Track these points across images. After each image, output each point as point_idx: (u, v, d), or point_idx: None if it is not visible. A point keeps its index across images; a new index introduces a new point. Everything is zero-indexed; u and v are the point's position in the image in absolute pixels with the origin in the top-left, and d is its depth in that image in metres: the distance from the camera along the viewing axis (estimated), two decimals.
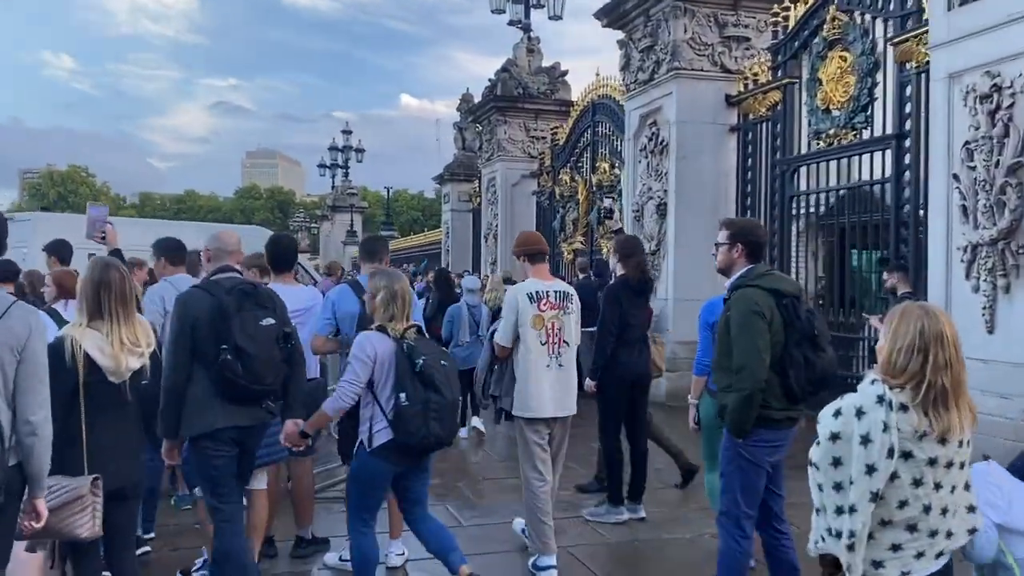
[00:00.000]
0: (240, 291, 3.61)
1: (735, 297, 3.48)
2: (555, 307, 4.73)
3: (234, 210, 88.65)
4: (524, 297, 4.73)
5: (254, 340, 3.52)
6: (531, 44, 17.14)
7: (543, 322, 4.76)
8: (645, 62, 10.35)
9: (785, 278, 3.74)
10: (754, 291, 3.42)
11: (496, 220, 17.01)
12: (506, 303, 4.72)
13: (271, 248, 4.70)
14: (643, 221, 10.51)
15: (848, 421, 2.14)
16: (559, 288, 4.81)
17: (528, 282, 4.76)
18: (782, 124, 8.96)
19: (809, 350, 3.39)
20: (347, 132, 37.29)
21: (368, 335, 3.65)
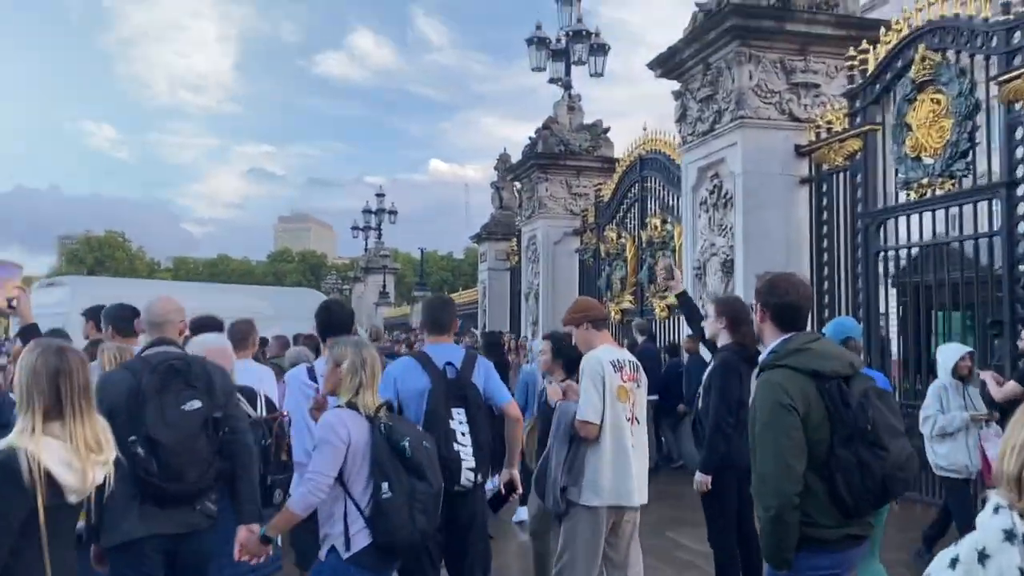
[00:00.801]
0: (168, 368, 3.05)
1: (759, 383, 2.83)
2: (632, 378, 4.22)
3: (266, 273, 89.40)
4: (608, 365, 4.11)
5: (172, 428, 2.96)
6: (572, 102, 16.69)
7: (628, 395, 4.15)
8: (704, 112, 9.74)
9: (831, 352, 2.92)
10: (783, 374, 2.74)
11: (537, 279, 16.35)
12: (588, 371, 4.10)
13: (322, 316, 4.06)
14: (706, 279, 9.76)
15: (971, 571, 1.56)
16: (631, 358, 4.33)
17: (603, 349, 4.20)
18: (863, 174, 8.24)
19: (864, 449, 2.67)
20: (380, 195, 37.19)
21: (339, 413, 3.05)
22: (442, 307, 4.07)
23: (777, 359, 2.81)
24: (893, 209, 7.86)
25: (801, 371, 2.72)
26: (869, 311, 8.11)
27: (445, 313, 4.05)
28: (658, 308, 12.32)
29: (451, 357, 3.78)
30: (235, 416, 3.24)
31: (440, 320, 3.99)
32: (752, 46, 9.01)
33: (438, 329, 3.94)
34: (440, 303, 4.10)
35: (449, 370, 3.72)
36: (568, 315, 4.41)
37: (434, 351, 3.80)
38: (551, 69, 16.86)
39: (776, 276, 3.13)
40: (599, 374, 4.02)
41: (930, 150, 7.31)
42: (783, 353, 2.81)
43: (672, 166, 12.04)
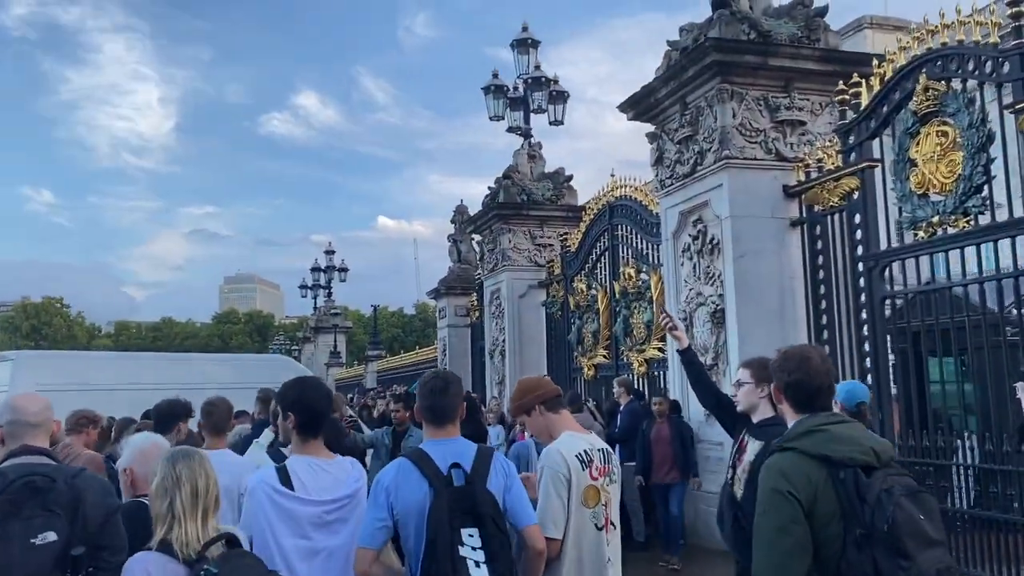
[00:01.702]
0: (23, 486, 2.37)
1: (764, 467, 2.52)
2: (604, 472, 3.41)
3: (212, 335, 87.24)
4: (573, 460, 3.30)
5: (12, 569, 2.29)
6: (532, 150, 16.16)
7: (599, 495, 3.34)
8: (684, 154, 9.18)
9: (850, 436, 2.48)
10: (789, 458, 2.43)
11: (502, 335, 15.55)
12: (548, 471, 3.26)
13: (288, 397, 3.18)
14: (693, 331, 9.08)
15: None
16: (600, 445, 3.51)
17: (566, 437, 3.39)
18: (862, 214, 7.69)
19: (882, 555, 2.24)
20: (330, 252, 36.25)
21: (142, 559, 2.25)
22: (443, 389, 3.05)
23: (786, 441, 2.49)
24: (899, 250, 7.29)
25: (810, 455, 2.39)
26: (878, 362, 7.48)
27: (447, 398, 3.05)
28: (636, 363, 11.61)
29: (459, 456, 2.91)
30: (109, 548, 2.47)
31: (442, 408, 3.03)
32: (734, 83, 8.51)
33: (439, 418, 3.02)
34: (441, 384, 3.05)
35: (456, 475, 2.84)
36: (514, 404, 3.58)
37: (436, 449, 2.94)
38: (509, 118, 16.33)
39: (788, 351, 2.77)
40: (561, 474, 3.22)
41: (939, 186, 6.79)
42: (793, 435, 2.50)
43: (644, 212, 11.48)
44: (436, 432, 3.02)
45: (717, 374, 8.66)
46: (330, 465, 2.99)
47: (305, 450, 2.99)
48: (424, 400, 3.05)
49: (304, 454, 2.97)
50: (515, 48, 16.10)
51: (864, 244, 7.67)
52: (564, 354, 14.31)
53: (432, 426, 3.04)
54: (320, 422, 3.02)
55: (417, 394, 3.03)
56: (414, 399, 3.26)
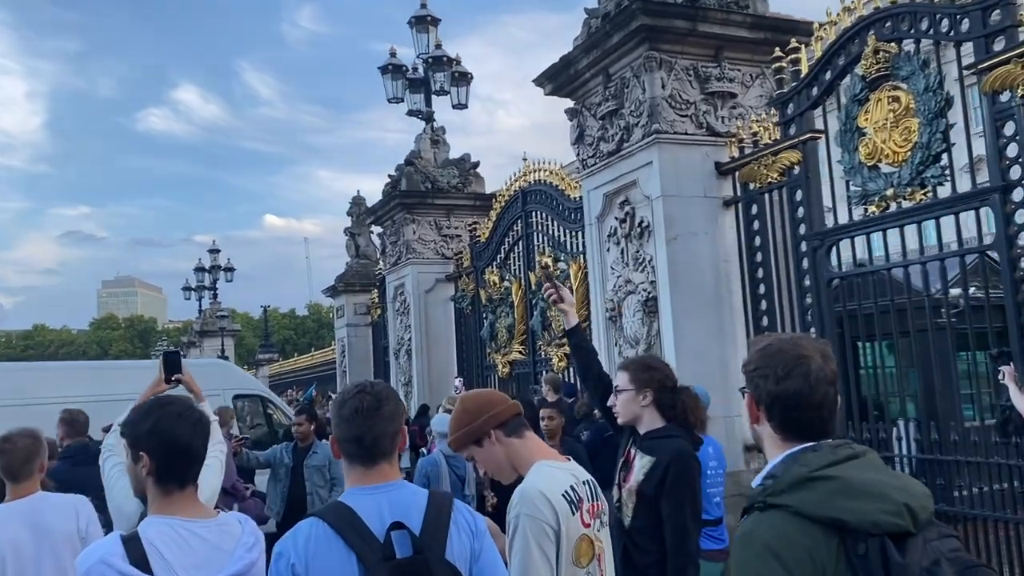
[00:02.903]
0: None
1: (738, 536, 1.64)
2: (595, 512, 2.53)
3: (89, 343, 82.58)
4: (562, 502, 2.40)
5: None
6: (435, 135, 15.23)
7: (592, 546, 2.47)
8: (608, 130, 8.46)
9: (871, 482, 1.60)
10: (777, 523, 1.56)
11: (408, 333, 14.56)
12: (527, 520, 2.35)
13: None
14: (622, 322, 8.39)
15: None
16: (585, 476, 2.61)
17: (542, 469, 2.47)
18: (804, 191, 7.14)
19: None
20: (214, 251, 34.29)
21: None
22: (374, 409, 2.06)
23: (770, 493, 1.61)
24: (847, 228, 6.77)
25: (811, 519, 1.54)
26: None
27: (381, 422, 2.07)
28: (556, 359, 10.88)
29: (401, 510, 2.01)
30: None
31: (375, 438, 2.06)
32: (662, 50, 7.84)
33: (370, 454, 2.07)
34: (371, 402, 2.06)
35: (399, 540, 1.95)
36: (457, 432, 2.57)
37: (367, 501, 2.01)
38: (409, 100, 15.34)
39: (771, 344, 1.79)
40: (546, 525, 2.33)
41: (892, 156, 6.28)
42: (784, 484, 1.60)
43: (561, 197, 10.75)
44: (366, 475, 2.07)
45: None
46: (207, 528, 2.02)
47: (168, 507, 2.02)
48: (346, 427, 2.06)
49: (166, 513, 2.00)
50: (413, 26, 15.10)
51: (807, 222, 7.13)
52: (476, 351, 13.46)
53: (359, 466, 2.08)
54: (189, 463, 2.07)
55: (332, 419, 2.09)
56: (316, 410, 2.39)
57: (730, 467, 7.74)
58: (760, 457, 7.81)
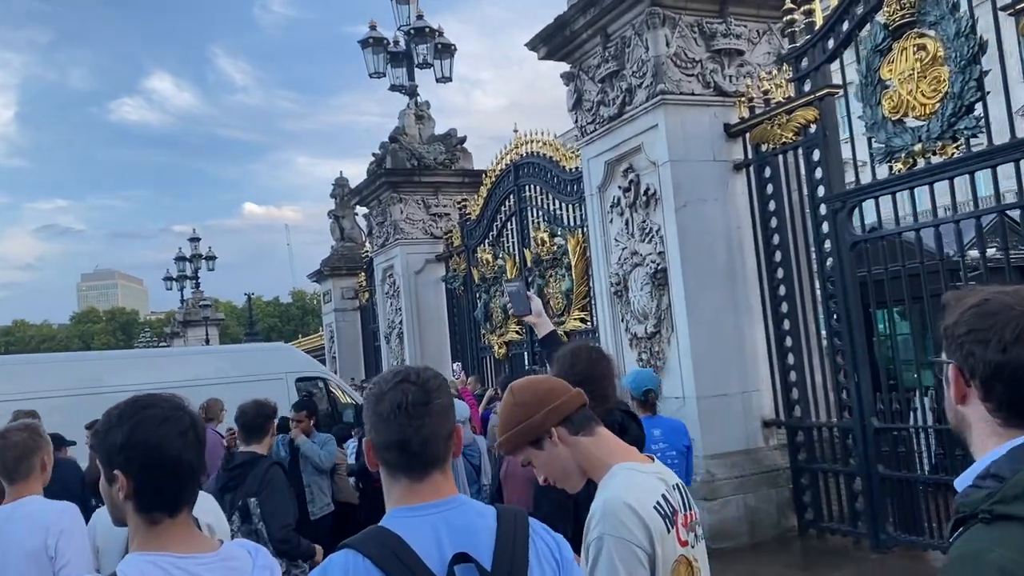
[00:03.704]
0: None
1: (960, 553, 1.17)
2: (688, 523, 2.03)
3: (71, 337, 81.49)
4: (655, 516, 1.91)
5: None
6: (420, 110, 14.68)
7: (691, 568, 2.00)
8: (609, 94, 8.00)
9: None
10: (1013, 540, 1.12)
11: (399, 316, 14.09)
12: (612, 542, 1.86)
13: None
14: (628, 296, 7.97)
15: None
16: (674, 479, 2.11)
17: (625, 475, 1.98)
18: (822, 150, 6.73)
19: None
20: (195, 240, 33.51)
21: None
22: (422, 405, 1.58)
23: (998, 500, 1.18)
24: (871, 187, 6.37)
25: None
26: (850, 318, 6.56)
27: (431, 421, 1.59)
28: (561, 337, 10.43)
29: (465, 537, 1.54)
30: None
31: (424, 442, 1.59)
32: (665, 5, 7.37)
33: (420, 464, 1.59)
34: (418, 394, 1.59)
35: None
36: (508, 432, 2.04)
37: (419, 527, 1.54)
38: (391, 75, 14.77)
39: (992, 299, 1.34)
40: (638, 548, 1.86)
41: (920, 109, 5.87)
42: (1017, 486, 1.17)
43: (556, 169, 10.30)
44: (414, 490, 1.59)
45: (661, 342, 7.60)
46: (207, 566, 1.57)
47: (155, 541, 1.57)
48: (386, 428, 1.58)
49: (152, 549, 1.56)
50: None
51: (826, 183, 6.72)
52: (470, 333, 13.02)
53: (404, 478, 1.60)
54: (181, 482, 1.62)
55: (367, 418, 1.62)
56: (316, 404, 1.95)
57: (748, 444, 7.39)
58: (779, 433, 7.48)
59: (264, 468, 4.31)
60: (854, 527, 6.63)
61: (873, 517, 6.41)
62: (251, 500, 4.07)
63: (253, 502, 4.07)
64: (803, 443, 7.13)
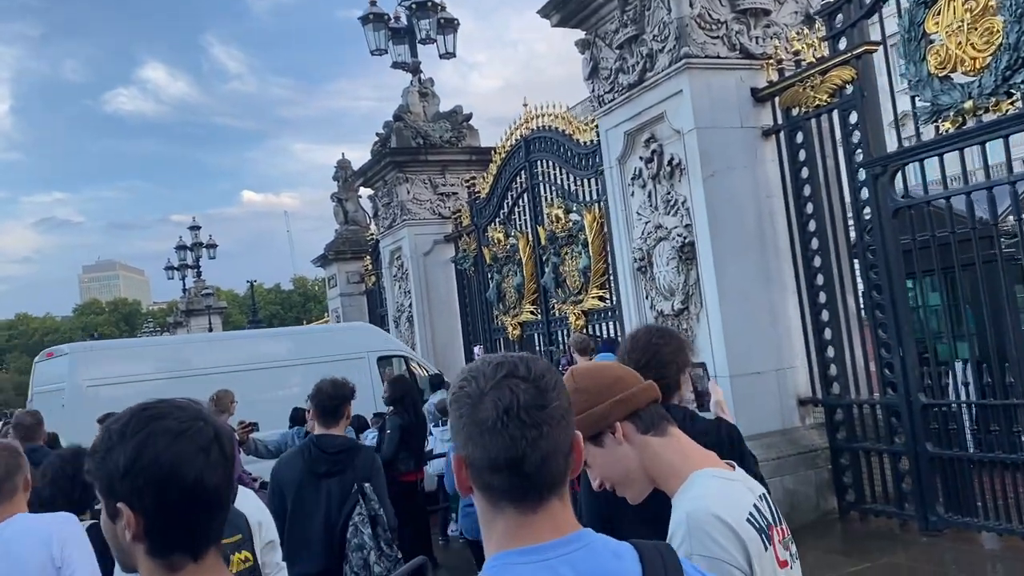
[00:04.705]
0: None
1: None
2: (782, 539, 1.74)
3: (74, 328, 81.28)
4: (749, 530, 1.60)
5: None
6: (424, 87, 14.25)
7: None
8: (628, 60, 7.61)
9: None
10: None
11: (408, 298, 13.75)
12: (704, 567, 1.47)
13: None
14: (653, 272, 7.62)
15: None
16: (760, 489, 1.79)
17: (707, 482, 1.66)
18: (860, 112, 6.35)
19: None
20: (195, 228, 33.12)
21: None
22: (538, 410, 1.18)
23: None
24: (915, 150, 6.00)
25: None
26: (893, 291, 6.20)
27: (551, 432, 1.18)
28: (572, 317, 10.11)
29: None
30: None
31: (542, 461, 1.17)
32: None
33: (535, 489, 1.19)
34: (532, 394, 1.19)
35: None
36: (585, 418, 1.62)
37: (533, 574, 1.14)
38: (393, 52, 14.33)
39: None
40: (735, 570, 1.57)
41: (970, 63, 5.49)
42: None
43: (569, 143, 9.91)
44: (527, 525, 1.20)
45: (689, 319, 7.26)
46: None
47: None
48: (490, 442, 1.18)
49: None
50: None
51: (865, 147, 6.35)
52: (482, 314, 12.68)
53: (511, 509, 1.21)
54: (207, 516, 1.26)
55: (457, 428, 1.21)
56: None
57: (784, 424, 7.06)
58: (816, 412, 7.15)
59: (371, 454, 4.34)
60: (900, 508, 6.32)
61: (921, 498, 6.10)
62: (366, 485, 3.99)
63: (368, 487, 3.99)
64: (842, 421, 6.80)
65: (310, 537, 3.90)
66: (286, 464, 4.08)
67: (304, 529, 3.90)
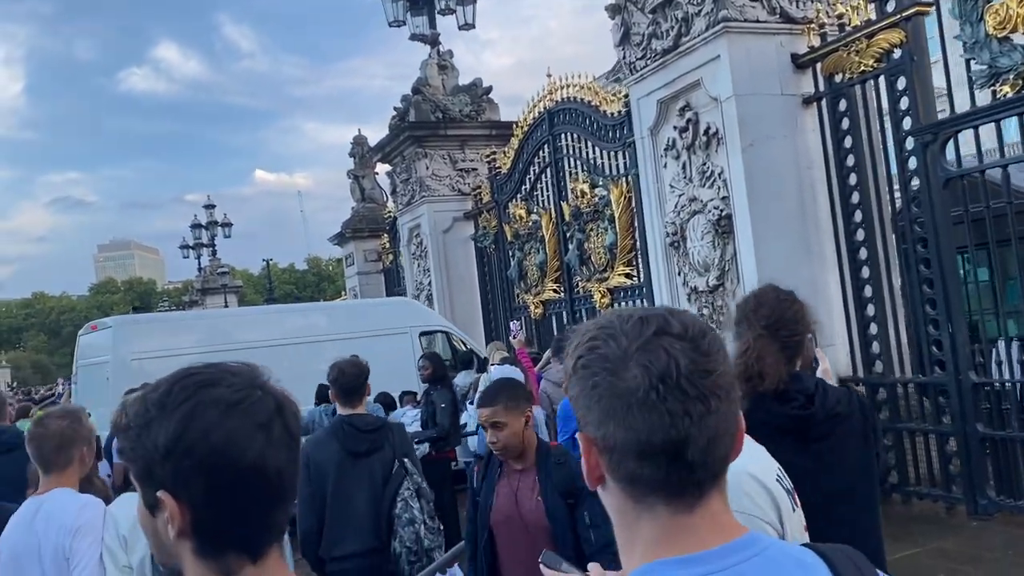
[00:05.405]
0: None
1: None
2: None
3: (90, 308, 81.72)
4: (781, 492, 1.66)
5: None
6: (442, 59, 13.93)
7: None
8: (662, 25, 7.31)
9: None
10: None
11: (428, 276, 13.52)
12: (739, 521, 1.14)
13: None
14: (687, 247, 7.36)
15: None
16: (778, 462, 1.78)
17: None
18: (909, 77, 6.04)
19: None
20: (210, 207, 32.99)
21: None
22: (701, 377, 0.92)
23: None
24: (970, 116, 5.69)
25: None
26: (943, 266, 5.92)
27: (718, 406, 0.93)
28: (597, 295, 9.86)
29: None
30: None
31: (709, 444, 0.92)
32: None
33: (694, 483, 0.94)
34: (693, 357, 0.93)
35: None
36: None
37: None
38: (411, 24, 14.02)
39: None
40: (768, 526, 1.59)
41: None
42: None
43: (596, 114, 9.61)
44: (680, 526, 0.94)
45: (724, 295, 7.01)
46: None
47: None
48: (639, 419, 0.91)
49: None
50: None
51: (914, 114, 6.05)
52: (503, 292, 12.44)
53: (662, 507, 0.94)
54: (270, 505, 1.01)
55: (583, 396, 0.94)
56: None
57: None
58: (858, 391, 6.89)
59: (402, 429, 4.36)
60: (947, 491, 6.08)
61: (970, 480, 5.85)
62: (405, 460, 4.00)
63: (408, 462, 4.00)
64: (885, 401, 6.55)
65: (356, 517, 3.80)
66: (318, 446, 3.90)
67: (349, 509, 3.81)
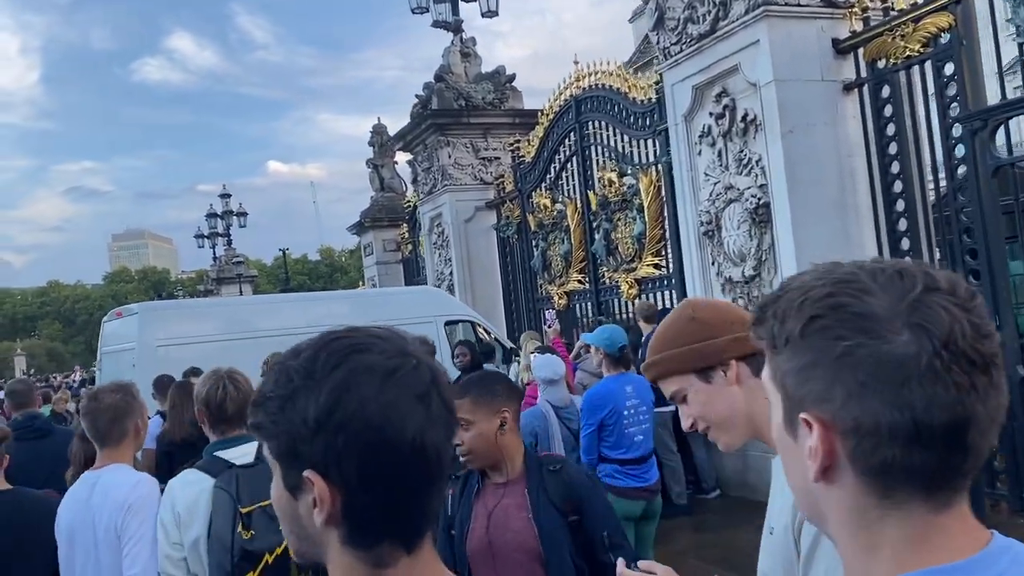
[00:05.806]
0: None
1: None
2: None
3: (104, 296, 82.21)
4: None
5: None
6: (465, 47, 13.79)
7: None
8: (698, 8, 7.16)
9: None
10: None
11: (449, 266, 13.42)
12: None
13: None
14: (722, 236, 7.22)
15: None
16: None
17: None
18: (957, 62, 5.88)
19: None
20: (225, 196, 32.98)
21: None
22: (986, 353, 0.75)
23: None
24: (1022, 102, 5.52)
25: None
26: (991, 257, 5.76)
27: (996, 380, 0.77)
28: (625, 286, 9.73)
29: None
30: None
31: (983, 432, 0.75)
32: None
33: (955, 470, 0.77)
34: (977, 321, 0.76)
35: None
36: (674, 349, 1.61)
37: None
38: (434, 11, 13.88)
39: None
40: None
41: None
42: None
43: (624, 102, 9.47)
44: (936, 527, 0.78)
45: (761, 286, 6.87)
46: None
47: None
48: (907, 394, 0.74)
49: None
50: None
51: (962, 100, 5.88)
52: (526, 283, 12.32)
53: (923, 503, 0.78)
54: (431, 489, 0.90)
55: (827, 368, 0.75)
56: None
57: None
58: None
59: None
60: (991, 488, 5.93)
61: (1017, 477, 5.71)
62: None
63: None
64: None
65: None
66: None
67: None
